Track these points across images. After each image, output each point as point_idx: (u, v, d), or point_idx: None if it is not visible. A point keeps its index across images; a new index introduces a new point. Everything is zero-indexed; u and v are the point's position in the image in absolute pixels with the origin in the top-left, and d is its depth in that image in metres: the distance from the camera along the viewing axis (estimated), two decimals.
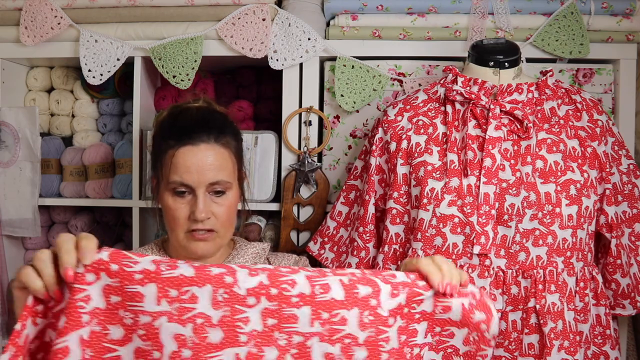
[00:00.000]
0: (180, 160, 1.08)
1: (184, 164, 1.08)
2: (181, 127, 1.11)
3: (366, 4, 1.56)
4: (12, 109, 1.72)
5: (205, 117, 1.14)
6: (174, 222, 1.10)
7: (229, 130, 1.16)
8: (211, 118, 1.15)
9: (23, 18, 1.61)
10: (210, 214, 1.09)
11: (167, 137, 1.11)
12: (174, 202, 1.09)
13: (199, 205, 1.07)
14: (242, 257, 1.18)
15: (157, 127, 1.18)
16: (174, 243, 1.13)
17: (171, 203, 1.09)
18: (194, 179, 1.08)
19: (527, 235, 1.20)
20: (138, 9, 1.59)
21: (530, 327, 1.18)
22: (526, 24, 1.55)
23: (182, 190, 1.08)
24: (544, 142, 1.23)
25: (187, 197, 1.09)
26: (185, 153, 1.08)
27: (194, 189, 1.08)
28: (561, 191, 1.20)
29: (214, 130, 1.11)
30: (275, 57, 1.57)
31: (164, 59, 1.57)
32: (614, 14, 1.53)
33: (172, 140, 1.10)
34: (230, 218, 1.13)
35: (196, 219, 1.07)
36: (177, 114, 1.15)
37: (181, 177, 1.08)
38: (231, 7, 1.57)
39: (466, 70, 1.33)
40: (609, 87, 1.54)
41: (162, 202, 1.12)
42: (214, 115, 1.17)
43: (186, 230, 1.09)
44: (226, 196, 1.11)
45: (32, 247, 1.81)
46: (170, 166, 1.09)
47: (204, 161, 1.08)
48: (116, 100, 1.80)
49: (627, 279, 1.28)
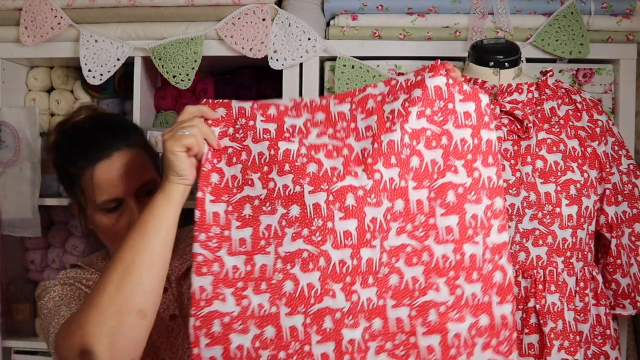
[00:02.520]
0: (102, 178, 1.04)
1: (107, 180, 1.04)
2: (85, 145, 1.06)
3: (366, 4, 1.56)
4: (12, 109, 1.72)
5: (104, 126, 1.10)
6: (114, 237, 1.07)
7: (130, 127, 1.14)
8: (110, 124, 1.11)
9: (23, 18, 1.61)
10: None
11: (73, 160, 1.07)
12: (108, 220, 1.07)
13: (135, 213, 1.05)
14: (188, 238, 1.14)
15: (54, 153, 1.12)
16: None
17: (106, 222, 1.07)
18: (121, 190, 1.05)
19: (527, 235, 1.20)
20: (138, 9, 1.59)
21: (530, 327, 1.18)
22: (526, 24, 1.55)
23: (114, 205, 1.06)
24: (544, 142, 1.23)
25: (120, 209, 1.06)
26: (102, 169, 1.05)
27: (124, 199, 1.06)
28: (561, 191, 1.20)
29: (119, 134, 1.08)
30: (275, 57, 1.57)
31: (164, 59, 1.57)
32: (614, 14, 1.53)
33: (81, 162, 1.05)
34: None
35: None
36: (71, 133, 1.10)
37: (109, 194, 1.05)
38: (231, 7, 1.57)
39: (466, 70, 1.33)
40: (609, 87, 1.54)
41: (94, 223, 1.09)
42: (111, 119, 1.13)
43: None
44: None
45: (32, 247, 1.81)
46: (93, 188, 1.05)
47: (124, 169, 1.05)
48: (116, 100, 1.80)
49: (627, 279, 1.28)
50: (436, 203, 0.97)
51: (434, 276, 0.96)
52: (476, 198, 0.98)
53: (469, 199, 0.97)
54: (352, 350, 0.94)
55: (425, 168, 0.98)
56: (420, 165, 0.98)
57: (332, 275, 0.94)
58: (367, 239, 0.95)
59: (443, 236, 0.96)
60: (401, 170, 0.97)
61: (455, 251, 0.96)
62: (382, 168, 0.96)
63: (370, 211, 0.95)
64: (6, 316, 1.69)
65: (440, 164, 0.97)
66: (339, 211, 0.95)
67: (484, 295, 0.96)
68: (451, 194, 0.97)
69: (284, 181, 0.96)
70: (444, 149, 0.98)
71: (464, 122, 0.99)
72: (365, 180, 0.95)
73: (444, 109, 0.98)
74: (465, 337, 0.95)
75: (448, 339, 0.94)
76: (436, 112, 0.98)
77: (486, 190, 0.99)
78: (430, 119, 0.98)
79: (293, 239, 0.95)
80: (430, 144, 0.98)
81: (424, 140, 0.98)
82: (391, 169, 0.96)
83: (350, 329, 0.94)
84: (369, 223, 0.95)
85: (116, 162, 1.05)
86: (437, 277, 0.96)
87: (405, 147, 0.96)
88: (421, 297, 0.95)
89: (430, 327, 0.95)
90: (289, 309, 0.94)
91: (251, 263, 0.95)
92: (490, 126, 0.99)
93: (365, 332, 0.95)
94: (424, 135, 0.98)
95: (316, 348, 0.94)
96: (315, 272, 0.94)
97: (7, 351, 1.71)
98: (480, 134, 0.99)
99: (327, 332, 0.94)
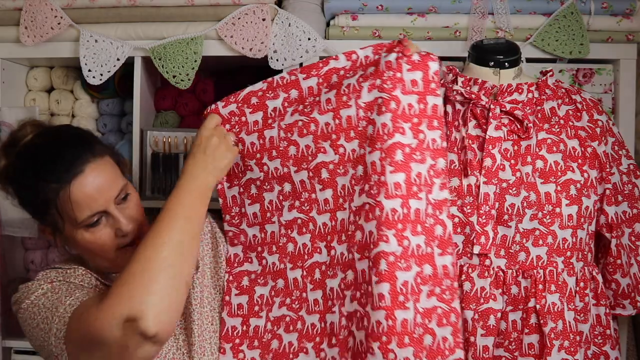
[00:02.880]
0: (80, 195, 1.02)
1: (86, 196, 1.02)
2: (51, 166, 1.03)
3: (366, 4, 1.56)
4: (12, 109, 1.72)
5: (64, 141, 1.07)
6: (99, 250, 1.06)
7: (88, 135, 1.11)
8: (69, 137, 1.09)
9: (23, 18, 1.61)
10: (131, 219, 1.07)
11: (41, 184, 1.02)
12: (92, 235, 1.05)
13: (120, 220, 1.05)
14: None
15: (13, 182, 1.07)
16: (104, 265, 1.10)
17: (89, 237, 1.05)
18: (102, 203, 1.04)
19: (527, 235, 1.20)
20: (138, 9, 1.59)
21: (531, 327, 1.18)
22: (526, 24, 1.55)
23: (96, 219, 1.04)
24: (544, 142, 1.23)
25: (103, 221, 1.05)
26: (78, 186, 1.02)
27: (105, 210, 1.05)
28: (561, 191, 1.20)
29: (83, 146, 1.06)
30: (275, 57, 1.57)
31: (164, 59, 1.57)
32: (614, 14, 1.53)
33: (53, 184, 1.01)
34: (142, 208, 1.12)
35: (124, 234, 1.06)
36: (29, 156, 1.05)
37: (90, 209, 1.03)
38: (231, 7, 1.57)
39: (466, 70, 1.33)
40: (609, 87, 1.54)
41: (75, 241, 1.07)
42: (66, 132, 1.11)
43: (116, 248, 1.07)
44: (131, 195, 1.09)
45: (32, 247, 1.81)
46: (71, 207, 1.02)
47: (100, 181, 1.04)
48: (116, 100, 1.80)
49: (627, 279, 1.28)
50: (386, 162, 1.08)
51: (384, 229, 1.06)
52: (421, 158, 1.09)
53: (415, 158, 1.09)
54: (333, 297, 1.14)
55: (377, 132, 1.09)
56: (373, 131, 1.10)
57: (319, 235, 1.16)
58: (340, 203, 1.14)
59: (392, 191, 1.07)
60: (360, 141, 1.12)
61: (402, 205, 1.06)
62: (344, 142, 1.13)
63: (341, 180, 1.14)
64: (6, 316, 1.69)
65: (390, 127, 1.08)
66: (318, 184, 1.15)
67: (427, 246, 1.08)
68: (399, 153, 1.08)
69: (274, 164, 1.17)
70: (393, 112, 1.09)
71: (410, 89, 1.10)
72: (332, 155, 1.14)
73: (393, 77, 1.10)
74: (412, 285, 1.05)
75: (397, 286, 1.04)
76: (385, 80, 1.10)
77: (430, 152, 1.10)
78: (380, 88, 1.10)
79: (289, 210, 1.18)
80: (381, 109, 1.09)
81: (377, 108, 1.10)
82: (352, 142, 1.13)
83: (330, 279, 1.14)
84: (340, 190, 1.14)
85: (90, 176, 1.03)
86: (387, 230, 1.06)
87: (360, 119, 1.12)
88: (375, 249, 1.06)
89: (381, 276, 1.04)
90: (292, 265, 1.17)
91: (264, 231, 1.20)
92: (437, 92, 1.11)
93: (341, 282, 1.13)
94: (376, 104, 1.10)
95: (310, 295, 1.16)
96: (307, 235, 1.16)
97: (7, 351, 1.71)
98: (427, 99, 1.11)
99: (317, 281, 1.15)
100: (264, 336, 1.18)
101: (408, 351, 1.02)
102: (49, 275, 1.10)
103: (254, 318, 1.18)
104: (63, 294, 1.03)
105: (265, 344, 1.17)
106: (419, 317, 1.05)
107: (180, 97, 1.75)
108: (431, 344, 1.05)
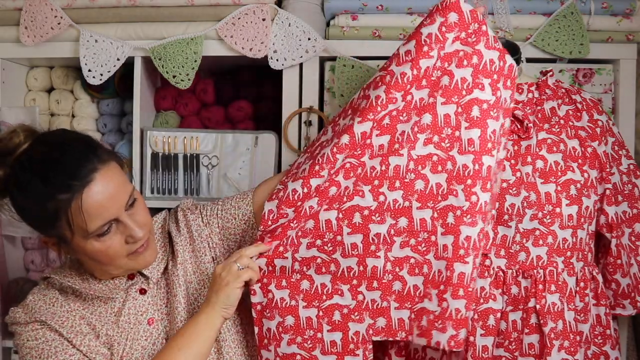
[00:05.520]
0: (92, 204, 0.98)
1: (98, 205, 0.98)
2: (60, 177, 0.98)
3: (366, 4, 1.56)
4: (12, 109, 1.72)
5: (70, 149, 1.01)
6: (109, 258, 1.04)
7: (92, 142, 1.06)
8: (75, 145, 1.03)
9: (23, 18, 1.61)
10: (142, 225, 1.05)
11: (50, 196, 0.97)
12: (103, 244, 1.01)
13: (132, 227, 1.02)
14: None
15: (19, 191, 1.00)
16: (110, 272, 1.09)
17: (99, 246, 1.01)
18: (114, 211, 1.01)
19: (527, 235, 1.20)
20: (138, 9, 1.59)
21: (531, 327, 1.18)
22: (526, 24, 1.55)
23: (107, 227, 1.01)
24: (544, 142, 1.23)
25: (113, 229, 1.02)
26: (90, 196, 0.98)
27: (117, 218, 1.01)
28: (561, 191, 1.20)
29: (89, 152, 1.01)
30: (275, 57, 1.57)
31: (164, 59, 1.57)
32: (614, 14, 1.53)
33: (62, 195, 0.97)
34: (149, 212, 1.10)
35: (136, 240, 1.04)
36: (33, 166, 0.99)
37: (103, 219, 0.99)
38: (231, 7, 1.57)
39: None
40: (609, 87, 1.54)
41: (84, 251, 1.03)
42: (70, 139, 1.04)
43: (126, 255, 1.05)
44: (137, 200, 1.06)
45: (32, 247, 1.81)
46: (83, 217, 0.97)
47: (110, 188, 1.00)
48: (116, 100, 1.80)
49: (627, 279, 1.28)
50: (462, 117, 1.10)
51: (455, 183, 1.10)
52: (496, 115, 1.10)
53: (492, 115, 1.10)
54: (378, 242, 1.13)
55: (455, 85, 1.10)
56: (450, 83, 1.10)
57: (364, 178, 1.14)
58: (395, 148, 1.13)
59: (465, 147, 1.10)
60: (430, 90, 1.12)
61: (474, 162, 1.09)
62: (414, 91, 1.11)
63: (401, 127, 1.12)
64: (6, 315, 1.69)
65: (470, 82, 1.08)
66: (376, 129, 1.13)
67: (492, 206, 1.12)
68: (476, 109, 1.09)
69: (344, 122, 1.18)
70: (474, 67, 1.10)
71: (493, 45, 1.11)
72: (400, 102, 1.11)
73: (478, 30, 1.10)
74: (474, 240, 1.09)
75: (460, 240, 1.08)
76: (470, 34, 1.10)
77: (503, 110, 1.11)
78: (464, 41, 1.10)
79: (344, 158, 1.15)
80: (462, 62, 1.10)
81: (456, 61, 1.10)
82: (421, 90, 1.11)
83: (377, 224, 1.13)
84: (399, 136, 1.13)
85: (100, 184, 0.99)
86: (457, 184, 1.10)
87: (436, 69, 1.11)
88: (442, 202, 1.10)
89: (447, 228, 1.10)
90: (327, 206, 1.15)
91: (307, 185, 1.14)
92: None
93: (390, 228, 1.13)
94: (457, 57, 1.10)
95: (347, 238, 1.14)
96: (352, 179, 1.15)
97: (7, 351, 1.71)
98: (505, 57, 1.12)
99: (356, 225, 1.14)
100: (292, 276, 1.16)
101: (460, 303, 1.08)
102: (36, 307, 1.08)
103: (278, 259, 1.17)
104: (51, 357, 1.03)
105: (294, 285, 1.16)
106: (475, 272, 1.10)
107: (180, 97, 1.75)
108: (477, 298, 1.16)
